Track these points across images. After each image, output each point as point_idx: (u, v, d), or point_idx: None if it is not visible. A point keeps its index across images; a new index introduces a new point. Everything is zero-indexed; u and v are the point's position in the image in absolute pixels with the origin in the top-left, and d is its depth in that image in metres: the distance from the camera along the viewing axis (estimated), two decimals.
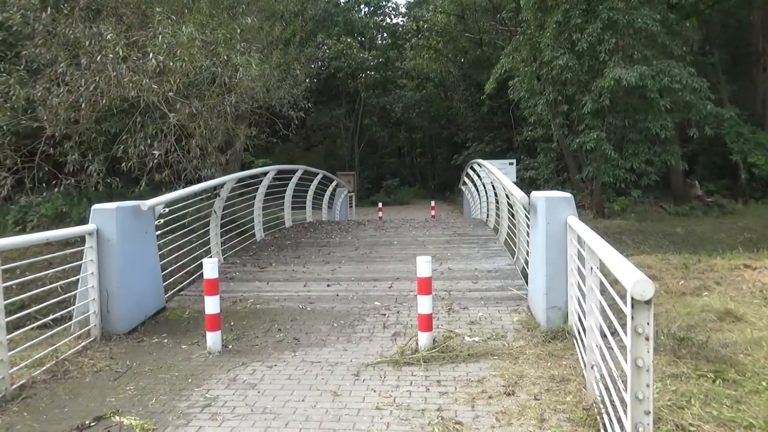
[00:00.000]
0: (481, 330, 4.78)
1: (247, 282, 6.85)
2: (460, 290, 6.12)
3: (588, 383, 3.27)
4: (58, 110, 9.07)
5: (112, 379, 4.00)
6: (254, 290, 6.43)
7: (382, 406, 3.39)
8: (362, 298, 5.94)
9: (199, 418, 3.32)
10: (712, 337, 4.52)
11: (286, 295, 6.18)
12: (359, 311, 5.50)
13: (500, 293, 5.97)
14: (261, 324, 5.21)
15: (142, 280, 5.35)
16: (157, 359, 4.39)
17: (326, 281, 6.72)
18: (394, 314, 5.35)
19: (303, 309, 5.65)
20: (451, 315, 5.26)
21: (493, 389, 3.56)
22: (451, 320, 5.10)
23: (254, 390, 3.71)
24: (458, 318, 5.16)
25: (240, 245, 8.90)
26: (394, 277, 6.75)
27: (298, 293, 6.25)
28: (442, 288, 6.13)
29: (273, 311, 5.61)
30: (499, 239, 8.99)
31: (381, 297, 5.97)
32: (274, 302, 5.94)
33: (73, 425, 3.26)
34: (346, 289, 6.33)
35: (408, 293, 5.95)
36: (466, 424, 3.11)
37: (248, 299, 6.05)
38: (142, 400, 3.59)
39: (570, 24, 14.83)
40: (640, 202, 18.00)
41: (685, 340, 4.36)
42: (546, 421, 3.09)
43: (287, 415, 3.31)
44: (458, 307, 5.48)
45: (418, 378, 3.82)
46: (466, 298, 5.80)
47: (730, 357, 4.01)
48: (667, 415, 3.01)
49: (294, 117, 18.26)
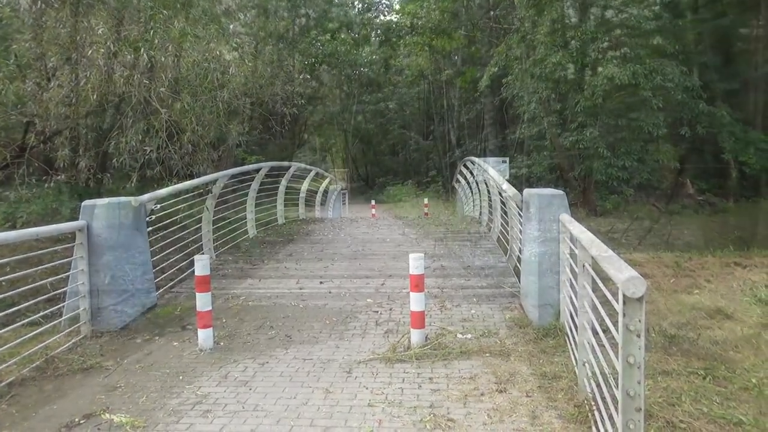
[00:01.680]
0: (473, 327, 4.78)
1: (239, 279, 6.82)
2: (452, 287, 6.12)
3: (579, 380, 3.28)
4: (49, 105, 8.98)
5: (102, 376, 3.97)
6: (246, 287, 6.40)
7: (374, 403, 3.38)
8: (355, 296, 5.93)
9: (189, 415, 3.30)
10: (703, 335, 4.55)
11: (279, 293, 6.15)
12: (351, 308, 5.49)
13: (493, 290, 5.97)
14: (253, 321, 5.18)
15: (133, 277, 5.31)
16: (148, 356, 4.36)
17: (319, 278, 6.71)
18: (387, 311, 5.34)
19: (295, 306, 5.63)
20: (444, 312, 5.26)
21: (485, 386, 3.56)
22: (443, 317, 5.10)
23: (246, 387, 3.69)
24: (451, 315, 5.17)
25: (232, 242, 8.86)
26: (387, 275, 6.74)
27: (291, 290, 6.23)
28: (435, 285, 6.13)
29: (265, 308, 5.59)
30: (492, 237, 9.00)
31: (373, 294, 5.96)
32: (266, 299, 5.91)
33: (62, 423, 3.23)
34: (338, 287, 6.32)
35: (400, 290, 5.95)
36: (458, 421, 3.11)
37: (240, 296, 6.02)
38: (132, 398, 3.57)
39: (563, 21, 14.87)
40: (632, 201, 18.06)
41: (676, 337, 4.39)
42: (538, 418, 3.09)
43: (279, 412, 3.30)
44: (450, 305, 5.48)
45: (410, 375, 3.82)
46: (458, 296, 5.81)
47: (720, 354, 4.04)
48: (658, 412, 3.02)
49: (287, 113, 18.23)
